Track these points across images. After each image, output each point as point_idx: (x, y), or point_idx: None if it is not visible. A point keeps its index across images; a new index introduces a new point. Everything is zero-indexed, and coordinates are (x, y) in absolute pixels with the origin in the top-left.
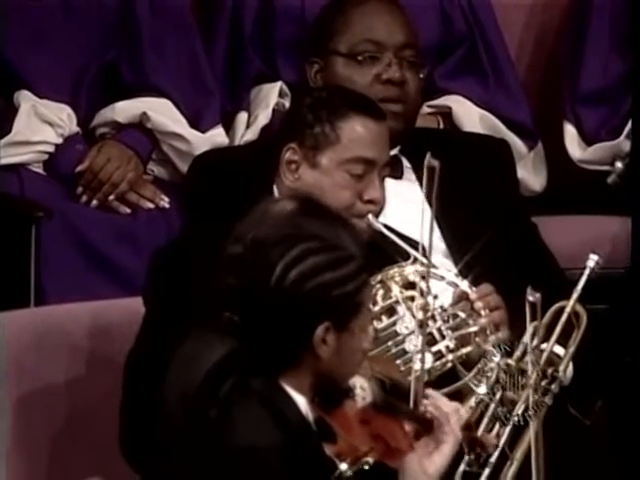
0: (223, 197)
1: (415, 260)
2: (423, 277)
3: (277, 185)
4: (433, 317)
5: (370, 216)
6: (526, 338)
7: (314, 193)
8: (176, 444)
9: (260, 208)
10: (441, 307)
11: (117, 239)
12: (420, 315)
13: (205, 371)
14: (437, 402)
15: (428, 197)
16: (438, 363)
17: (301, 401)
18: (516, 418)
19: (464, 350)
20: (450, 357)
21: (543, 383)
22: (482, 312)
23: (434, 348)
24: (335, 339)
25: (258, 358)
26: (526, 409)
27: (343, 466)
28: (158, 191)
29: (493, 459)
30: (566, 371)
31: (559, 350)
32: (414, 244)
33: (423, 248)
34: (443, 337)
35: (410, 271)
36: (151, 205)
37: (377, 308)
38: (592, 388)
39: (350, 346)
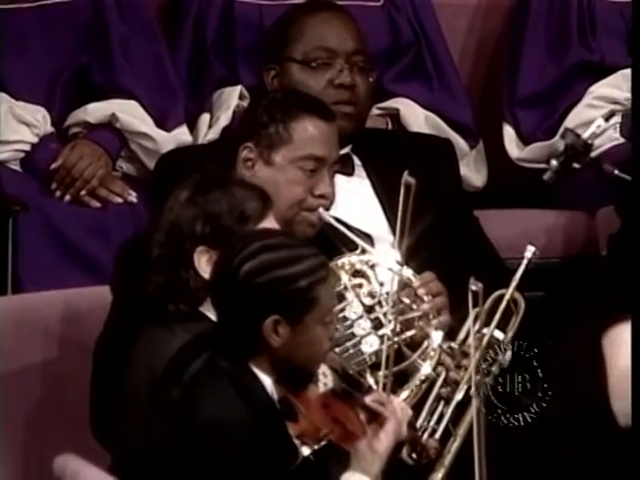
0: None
1: (363, 250)
2: (371, 266)
3: None
4: (379, 303)
5: (321, 209)
6: (468, 323)
7: (269, 188)
8: (143, 422)
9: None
10: (387, 293)
11: (88, 231)
12: (367, 301)
13: (170, 355)
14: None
15: (404, 213)
16: (384, 345)
17: (267, 381)
18: (459, 397)
19: (408, 333)
20: (395, 340)
21: (484, 365)
22: (425, 298)
23: (380, 332)
24: (288, 331)
25: (226, 341)
26: (468, 389)
27: (305, 450)
28: (126, 186)
29: (437, 435)
30: (505, 354)
31: (499, 334)
32: (362, 235)
33: (369, 237)
34: (389, 321)
35: (358, 260)
36: (120, 199)
37: None
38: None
39: (306, 338)
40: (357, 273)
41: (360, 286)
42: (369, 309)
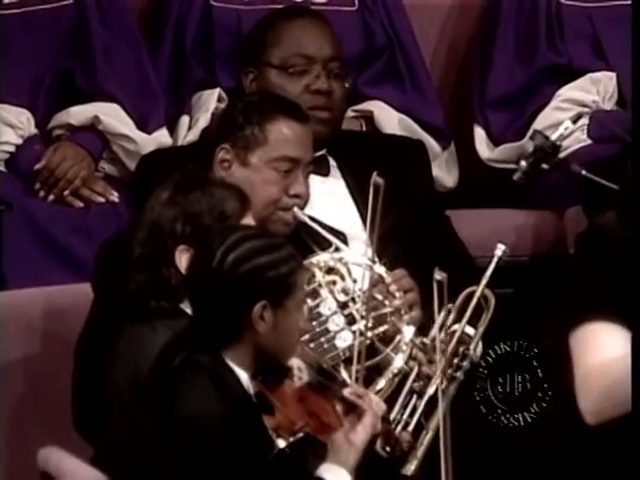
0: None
1: (336, 248)
2: (344, 263)
3: None
4: (353, 299)
5: (295, 208)
6: (440, 320)
7: (245, 188)
8: (125, 416)
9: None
10: (360, 290)
11: (71, 230)
12: (341, 297)
13: (151, 351)
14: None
15: (373, 212)
16: (358, 340)
17: (243, 376)
18: (431, 391)
19: (381, 328)
20: (369, 335)
21: (455, 360)
22: (396, 294)
23: (354, 327)
24: (272, 316)
25: (204, 336)
26: (440, 383)
27: (281, 443)
28: (108, 187)
29: (410, 428)
30: (476, 349)
31: (470, 330)
32: (336, 233)
33: (343, 235)
34: (362, 317)
35: (331, 258)
36: (102, 199)
37: None
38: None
39: (286, 323)
40: (331, 270)
41: (334, 283)
42: (343, 305)
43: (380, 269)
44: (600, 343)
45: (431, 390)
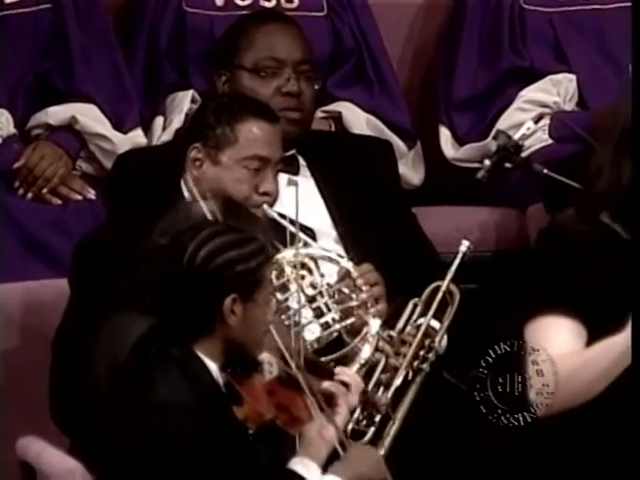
0: (142, 189)
1: (305, 244)
2: (312, 258)
3: (184, 180)
4: (321, 293)
5: (265, 206)
6: (407, 313)
7: (216, 187)
8: (102, 405)
9: (183, 206)
10: (327, 284)
11: (50, 226)
12: (309, 291)
13: (132, 342)
14: (342, 376)
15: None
16: (326, 333)
17: (213, 367)
18: (398, 382)
19: (348, 321)
20: (336, 327)
21: (421, 352)
22: (363, 288)
23: (322, 320)
24: (242, 309)
25: (175, 330)
26: (406, 375)
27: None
28: (85, 185)
29: (377, 419)
30: (441, 342)
31: (435, 324)
32: (305, 230)
33: (312, 231)
34: (329, 310)
35: (300, 253)
36: (79, 197)
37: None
38: (466, 358)
39: (256, 316)
40: (300, 265)
41: (302, 277)
42: (311, 299)
43: (347, 264)
44: (552, 337)
45: (398, 381)
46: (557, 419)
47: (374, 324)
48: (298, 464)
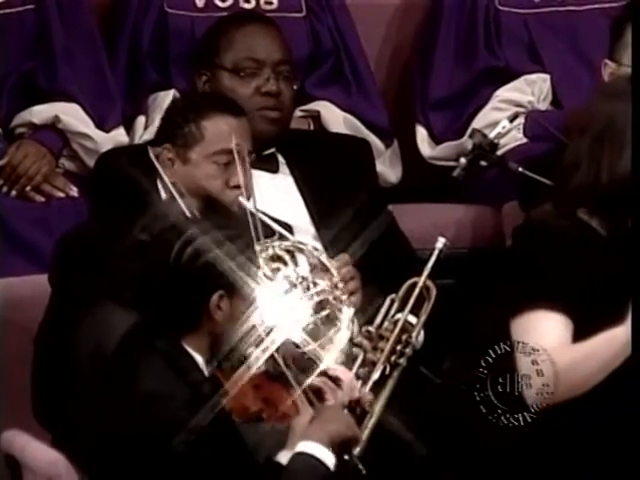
0: (123, 187)
1: (281, 237)
2: (287, 251)
3: (160, 179)
4: (295, 286)
5: (240, 198)
6: (384, 309)
7: (188, 184)
8: (85, 396)
9: (163, 204)
10: (302, 277)
11: (32, 224)
12: (285, 284)
13: (119, 336)
14: (334, 372)
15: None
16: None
17: (199, 360)
18: (376, 376)
19: (323, 313)
20: (311, 320)
21: (399, 347)
22: (339, 284)
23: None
24: (228, 305)
25: (162, 325)
26: (384, 370)
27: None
28: (68, 182)
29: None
30: (418, 337)
31: (412, 319)
32: (282, 224)
33: (289, 227)
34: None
35: (276, 246)
36: (62, 194)
37: None
38: (441, 351)
39: (241, 311)
40: (275, 258)
41: (278, 270)
42: (287, 292)
43: (322, 257)
44: (541, 331)
45: (376, 376)
46: (552, 413)
47: (347, 313)
48: (285, 457)
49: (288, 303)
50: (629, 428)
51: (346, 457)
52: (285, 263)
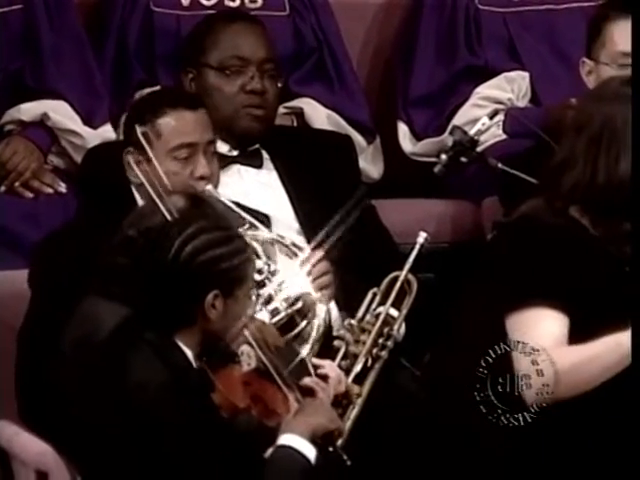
0: (110, 182)
1: (251, 226)
2: (258, 241)
3: (132, 182)
4: (268, 278)
5: (208, 187)
6: (366, 302)
7: (155, 183)
8: (75, 389)
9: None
10: (275, 270)
11: (22, 218)
12: (256, 277)
13: (109, 329)
14: (324, 370)
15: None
16: (275, 319)
17: (189, 354)
18: (358, 369)
19: (296, 306)
20: (286, 313)
21: (381, 340)
22: (312, 274)
23: (271, 306)
24: (223, 304)
25: (155, 319)
26: (366, 362)
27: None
28: (57, 178)
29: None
30: (399, 330)
31: (394, 312)
32: (260, 216)
33: (268, 218)
34: (278, 296)
35: (247, 235)
36: (51, 190)
37: None
38: (421, 344)
39: (236, 310)
40: None
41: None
42: (259, 284)
43: (294, 249)
44: (540, 328)
45: (358, 368)
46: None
47: (320, 309)
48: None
49: (261, 297)
50: (629, 429)
51: (330, 449)
52: (257, 255)
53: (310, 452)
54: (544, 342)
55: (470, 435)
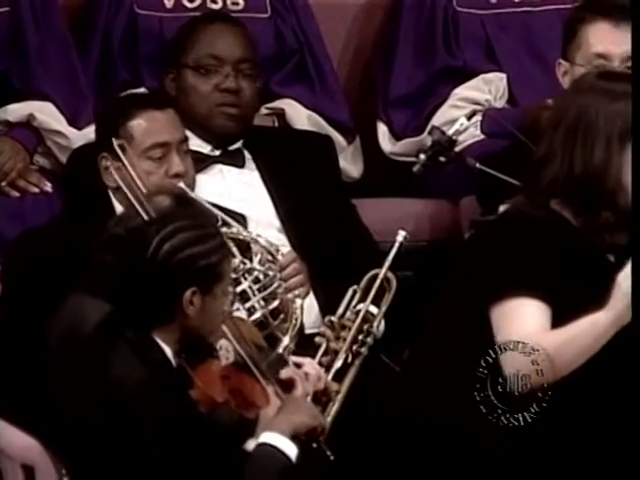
0: (94, 182)
1: (224, 223)
2: (232, 239)
3: (108, 188)
4: (244, 276)
5: (181, 184)
6: (346, 300)
7: (131, 185)
8: (59, 382)
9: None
10: (251, 268)
11: (8, 218)
12: (232, 275)
13: (91, 324)
14: (304, 368)
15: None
16: (252, 318)
17: (168, 350)
18: (338, 365)
19: (273, 304)
20: (262, 312)
21: (360, 336)
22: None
23: (247, 304)
24: (201, 301)
25: (135, 316)
26: (346, 358)
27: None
28: (42, 178)
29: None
30: (379, 327)
31: (373, 309)
32: (236, 215)
33: (244, 218)
34: (254, 294)
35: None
36: (36, 190)
37: None
38: (400, 340)
39: (213, 307)
40: None
41: None
42: (235, 282)
43: (268, 244)
44: (523, 318)
45: (338, 364)
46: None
47: (297, 305)
48: (252, 444)
49: (238, 295)
50: (629, 428)
51: (314, 445)
52: (232, 254)
53: (291, 450)
54: (528, 330)
55: (448, 430)
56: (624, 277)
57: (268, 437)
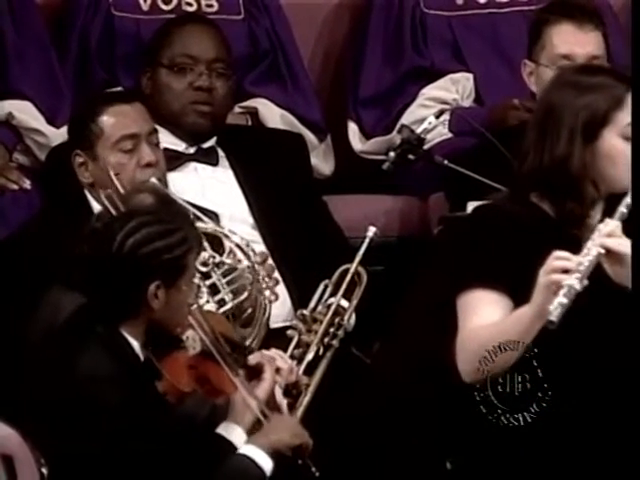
0: (71, 180)
1: (196, 219)
2: (205, 235)
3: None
4: (214, 270)
5: (153, 179)
6: (318, 294)
7: (104, 179)
8: (37, 373)
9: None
10: (220, 262)
11: None
12: (202, 268)
13: (64, 318)
14: (276, 361)
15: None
16: (222, 310)
17: (135, 344)
18: (310, 357)
19: (242, 297)
20: (231, 305)
21: (332, 330)
22: (256, 267)
23: (217, 297)
24: (165, 294)
25: (103, 310)
26: (317, 350)
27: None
28: (22, 175)
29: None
30: (350, 320)
31: (344, 303)
32: (208, 213)
33: (216, 215)
34: (224, 287)
35: None
36: (16, 187)
37: None
38: (371, 333)
39: (178, 300)
40: None
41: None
42: (205, 276)
43: (239, 239)
44: (480, 309)
45: (310, 356)
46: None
47: (265, 297)
48: (224, 429)
49: (206, 288)
50: (628, 428)
51: (300, 462)
52: (203, 247)
53: (266, 464)
54: (479, 322)
55: (418, 421)
56: (543, 272)
57: (246, 449)
